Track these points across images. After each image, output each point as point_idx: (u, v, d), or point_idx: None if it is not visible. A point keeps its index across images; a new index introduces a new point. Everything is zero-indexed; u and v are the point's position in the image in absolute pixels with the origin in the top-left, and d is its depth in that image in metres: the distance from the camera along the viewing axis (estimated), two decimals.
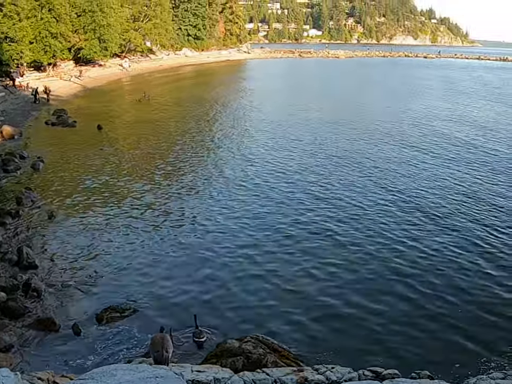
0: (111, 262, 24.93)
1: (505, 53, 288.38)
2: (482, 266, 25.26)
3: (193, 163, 42.91)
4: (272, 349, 17.40)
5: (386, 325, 20.32)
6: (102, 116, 62.80)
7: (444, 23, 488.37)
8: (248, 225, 30.04)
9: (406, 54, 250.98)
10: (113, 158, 43.45)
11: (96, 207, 32.14)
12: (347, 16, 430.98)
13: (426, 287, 23.21)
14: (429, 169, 42.42)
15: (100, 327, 19.63)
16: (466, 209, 33.31)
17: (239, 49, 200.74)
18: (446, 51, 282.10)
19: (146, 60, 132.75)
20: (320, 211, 32.33)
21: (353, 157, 45.63)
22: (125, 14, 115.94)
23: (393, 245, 27.56)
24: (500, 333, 19.86)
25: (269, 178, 38.87)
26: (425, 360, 17.90)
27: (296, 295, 22.46)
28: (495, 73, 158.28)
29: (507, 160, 46.35)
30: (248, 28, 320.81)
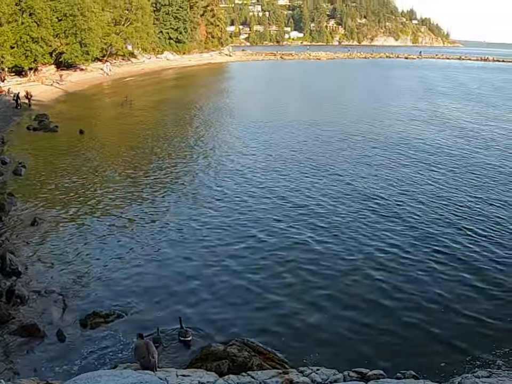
0: (94, 267, 24.83)
1: (486, 53, 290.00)
2: (463, 269, 25.35)
3: (176, 167, 42.84)
4: (257, 352, 17.40)
5: (371, 326, 20.39)
6: (84, 120, 62.58)
7: (424, 24, 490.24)
8: (234, 229, 30.06)
9: (387, 55, 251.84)
10: (95, 163, 43.28)
11: (79, 212, 32.04)
12: (328, 18, 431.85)
13: (409, 289, 23.29)
14: (405, 172, 42.43)
15: (84, 332, 19.52)
16: (440, 212, 33.42)
17: (221, 52, 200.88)
18: (427, 51, 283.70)
19: (128, 64, 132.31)
20: (298, 217, 32.28)
21: (330, 161, 45.61)
22: (106, 17, 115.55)
23: (373, 248, 27.64)
24: (484, 332, 19.98)
25: (246, 184, 38.81)
26: (410, 360, 17.95)
27: (280, 299, 22.46)
28: (475, 74, 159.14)
29: (480, 160, 46.96)
30: (230, 30, 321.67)
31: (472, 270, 25.19)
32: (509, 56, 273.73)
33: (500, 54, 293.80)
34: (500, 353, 18.44)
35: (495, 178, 40.73)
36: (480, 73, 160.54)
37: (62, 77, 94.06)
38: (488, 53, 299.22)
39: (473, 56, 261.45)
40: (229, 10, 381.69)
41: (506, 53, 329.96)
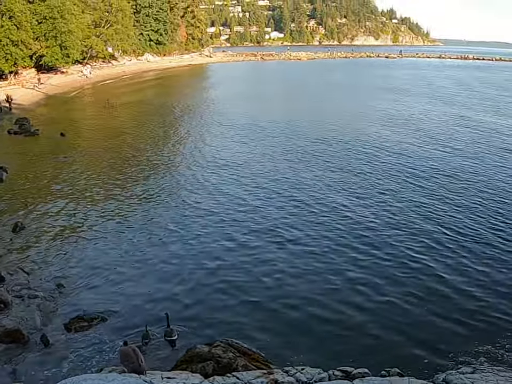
0: (78, 271, 24.76)
1: (466, 51, 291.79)
2: (445, 269, 25.47)
3: (158, 168, 42.85)
4: (242, 353, 17.43)
5: (355, 326, 20.48)
6: (65, 123, 62.39)
7: (404, 23, 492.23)
8: (216, 232, 30.05)
9: (367, 55, 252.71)
10: (77, 166, 43.15)
11: (62, 216, 31.90)
12: (308, 18, 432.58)
13: (392, 289, 23.40)
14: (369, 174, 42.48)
15: (69, 337, 19.47)
16: (412, 213, 33.62)
17: (201, 53, 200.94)
18: (408, 50, 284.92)
19: (108, 66, 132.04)
20: (278, 219, 32.34)
21: (309, 159, 46.00)
22: (86, 20, 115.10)
23: (354, 249, 27.74)
24: (466, 330, 20.12)
25: (226, 184, 38.94)
26: (395, 358, 18.07)
27: (264, 299, 22.52)
28: (454, 72, 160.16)
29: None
30: (210, 31, 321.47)
31: (454, 269, 25.33)
32: (488, 54, 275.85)
33: (480, 52, 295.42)
34: (483, 350, 18.59)
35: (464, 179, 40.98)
36: (459, 72, 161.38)
37: (40, 80, 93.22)
38: (468, 51, 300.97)
39: (454, 54, 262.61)
40: (209, 12, 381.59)
41: (486, 51, 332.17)
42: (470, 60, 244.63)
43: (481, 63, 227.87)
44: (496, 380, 14.75)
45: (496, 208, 33.99)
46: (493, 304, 22.01)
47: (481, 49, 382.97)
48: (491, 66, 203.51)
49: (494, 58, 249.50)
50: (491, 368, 15.89)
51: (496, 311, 21.44)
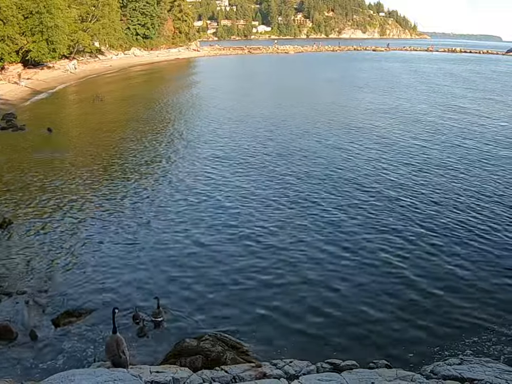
0: (66, 266, 24.65)
1: (453, 44, 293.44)
2: (432, 262, 25.51)
3: (146, 164, 42.59)
4: (231, 346, 17.43)
5: (342, 318, 20.46)
6: (53, 118, 62.10)
7: (392, 16, 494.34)
8: (206, 224, 30.00)
9: (355, 48, 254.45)
10: (64, 160, 42.90)
11: (49, 212, 31.69)
12: (296, 11, 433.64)
13: (379, 281, 23.42)
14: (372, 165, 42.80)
15: (57, 332, 19.33)
16: (403, 208, 33.79)
17: (188, 47, 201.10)
18: (395, 44, 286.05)
19: (95, 61, 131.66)
20: (268, 213, 32.50)
21: (300, 155, 46.01)
22: (73, 14, 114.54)
23: (340, 242, 27.77)
24: (454, 321, 20.15)
25: (215, 176, 39.03)
26: (383, 350, 18.11)
27: (252, 292, 22.48)
28: (442, 65, 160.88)
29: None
30: (197, 25, 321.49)
31: (441, 262, 25.34)
32: (475, 47, 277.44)
33: (467, 45, 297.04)
34: (469, 342, 18.65)
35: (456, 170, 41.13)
36: (447, 65, 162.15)
37: (20, 76, 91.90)
38: (456, 44, 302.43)
39: (441, 47, 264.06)
40: (196, 5, 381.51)
41: (473, 43, 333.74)
42: (458, 53, 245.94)
43: (468, 55, 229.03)
44: (483, 370, 14.78)
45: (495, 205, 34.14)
46: (478, 298, 22.03)
47: (468, 42, 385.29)
48: (480, 59, 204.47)
49: (481, 51, 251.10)
50: (478, 360, 15.93)
51: (481, 305, 21.47)
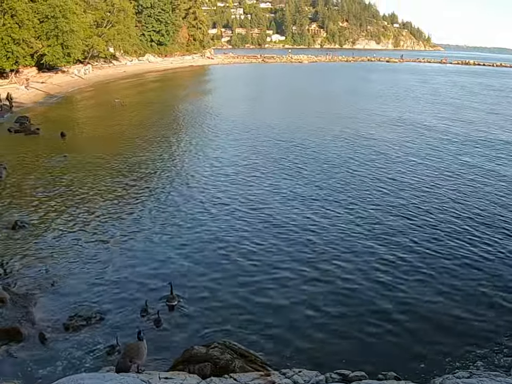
0: (76, 269, 24.67)
1: (467, 57, 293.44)
2: (442, 272, 25.44)
3: (158, 171, 42.55)
4: (240, 354, 17.36)
5: (352, 328, 20.41)
6: (65, 123, 62.28)
7: (406, 28, 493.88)
8: (213, 232, 30.00)
9: (368, 59, 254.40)
10: (76, 165, 42.97)
11: (60, 215, 31.78)
12: (310, 21, 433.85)
13: (389, 292, 23.36)
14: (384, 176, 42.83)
15: (66, 335, 19.32)
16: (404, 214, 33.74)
17: (202, 55, 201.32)
18: (409, 55, 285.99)
19: (109, 66, 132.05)
20: (275, 224, 32.46)
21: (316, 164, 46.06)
22: (88, 20, 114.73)
23: (351, 251, 27.75)
24: (463, 334, 20.07)
25: (225, 185, 39.01)
26: (392, 362, 17.98)
27: (262, 300, 22.44)
28: (450, 78, 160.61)
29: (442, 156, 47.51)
30: (212, 33, 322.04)
31: (449, 274, 25.28)
32: (489, 59, 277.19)
33: (480, 57, 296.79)
34: (480, 354, 18.59)
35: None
36: (460, 78, 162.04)
37: (28, 81, 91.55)
38: (469, 56, 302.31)
39: (455, 59, 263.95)
40: (211, 13, 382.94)
41: (486, 56, 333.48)
42: (471, 65, 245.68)
43: (482, 68, 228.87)
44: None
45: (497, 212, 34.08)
46: (489, 311, 21.96)
47: (481, 55, 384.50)
48: (494, 72, 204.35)
49: (495, 64, 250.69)
50: (487, 373, 15.85)
51: (491, 318, 21.40)
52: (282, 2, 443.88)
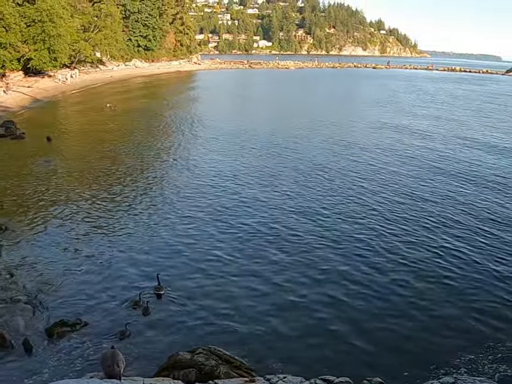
0: (61, 275, 24.54)
1: (453, 63, 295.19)
2: (426, 278, 25.55)
3: (144, 175, 42.73)
4: (225, 360, 17.34)
5: (337, 334, 20.47)
6: (52, 127, 62.22)
7: (392, 34, 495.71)
8: (199, 236, 30.00)
9: (355, 65, 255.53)
10: (62, 170, 42.91)
11: (45, 220, 31.67)
12: (297, 27, 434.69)
13: (374, 297, 23.43)
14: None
15: (51, 342, 19.23)
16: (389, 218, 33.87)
17: (189, 60, 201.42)
18: (395, 62, 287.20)
19: (96, 71, 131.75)
20: (264, 227, 32.52)
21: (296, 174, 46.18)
22: (75, 24, 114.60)
23: (338, 255, 27.86)
24: (448, 340, 20.16)
25: (209, 190, 39.11)
26: (377, 367, 18.05)
27: (247, 306, 22.47)
28: (438, 85, 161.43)
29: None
30: (199, 38, 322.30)
31: (435, 278, 25.40)
32: (475, 66, 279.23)
33: (466, 64, 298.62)
34: (465, 360, 18.67)
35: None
36: (446, 85, 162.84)
37: (8, 85, 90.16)
38: (455, 63, 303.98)
39: (441, 66, 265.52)
40: (198, 19, 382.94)
41: (473, 63, 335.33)
42: (457, 72, 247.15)
43: (468, 75, 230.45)
44: None
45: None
46: (474, 316, 22.07)
47: (468, 61, 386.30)
48: (480, 78, 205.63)
49: (481, 70, 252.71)
50: (472, 379, 15.92)
51: (477, 323, 21.51)
52: (269, 8, 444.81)
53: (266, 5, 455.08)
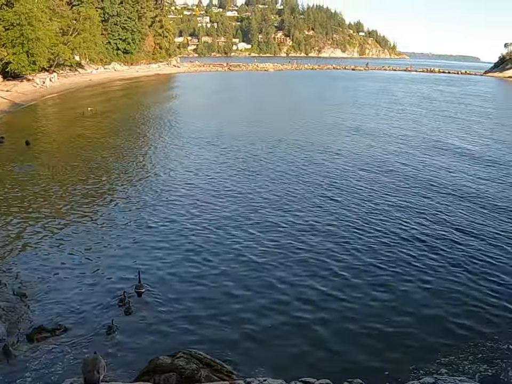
0: (40, 281, 24.41)
1: (432, 65, 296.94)
2: (406, 278, 25.74)
3: (126, 179, 42.62)
4: (205, 364, 17.34)
5: (317, 336, 20.52)
6: (32, 131, 61.87)
7: (371, 36, 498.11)
8: (180, 240, 30.02)
9: (334, 67, 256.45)
10: (41, 174, 42.62)
11: (23, 225, 31.46)
12: (276, 29, 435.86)
13: (353, 298, 23.53)
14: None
15: (31, 348, 19.11)
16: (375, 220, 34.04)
17: (169, 63, 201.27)
18: (374, 63, 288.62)
19: (75, 75, 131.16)
20: (244, 230, 32.61)
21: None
22: (54, 27, 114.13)
23: (317, 257, 27.93)
24: (428, 340, 20.27)
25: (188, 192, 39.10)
26: (358, 369, 18.14)
27: (227, 310, 22.49)
28: (416, 86, 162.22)
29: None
30: (178, 41, 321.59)
31: (413, 280, 25.52)
32: (453, 67, 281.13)
33: (445, 65, 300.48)
34: (445, 360, 18.81)
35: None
36: (425, 86, 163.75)
37: None
38: (434, 64, 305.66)
39: (420, 67, 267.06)
40: (177, 21, 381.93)
41: (451, 64, 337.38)
42: (436, 73, 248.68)
43: (447, 76, 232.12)
44: None
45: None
46: (454, 316, 22.23)
47: (447, 63, 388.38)
48: (458, 79, 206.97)
49: (460, 71, 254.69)
50: (453, 378, 16.03)
51: (458, 322, 21.68)
52: (248, 11, 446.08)
53: (246, 8, 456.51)
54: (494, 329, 21.25)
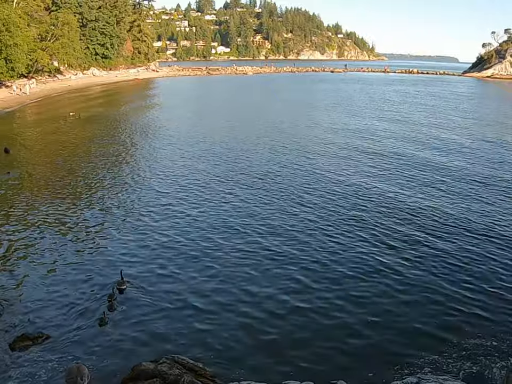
0: (22, 288, 24.32)
1: (411, 66, 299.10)
2: (391, 277, 25.86)
3: (105, 183, 42.49)
4: (189, 369, 17.35)
5: (299, 338, 20.55)
6: (11, 138, 61.64)
7: (350, 38, 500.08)
8: (164, 243, 30.01)
9: (313, 69, 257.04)
10: (21, 182, 42.46)
11: (4, 231, 31.45)
12: (255, 32, 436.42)
13: (336, 299, 23.61)
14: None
15: (13, 356, 19.02)
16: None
17: (147, 68, 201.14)
18: (353, 65, 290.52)
19: (54, 80, 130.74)
20: (227, 230, 32.63)
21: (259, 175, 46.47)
22: (32, 33, 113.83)
23: (300, 258, 28.03)
24: (411, 340, 20.38)
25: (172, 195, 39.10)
26: (341, 369, 18.21)
27: (210, 313, 22.47)
28: (392, 87, 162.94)
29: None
30: (157, 46, 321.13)
31: (395, 281, 25.65)
32: (432, 68, 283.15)
33: (424, 66, 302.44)
34: (429, 359, 18.90)
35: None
36: (403, 87, 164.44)
37: None
38: (413, 65, 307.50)
39: (398, 69, 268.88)
40: (155, 26, 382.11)
41: (430, 65, 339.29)
42: (415, 74, 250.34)
43: (425, 76, 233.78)
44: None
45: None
46: (436, 315, 22.37)
47: (425, 63, 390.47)
48: (437, 79, 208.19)
49: (438, 72, 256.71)
50: (436, 378, 16.21)
51: (441, 321, 21.82)
52: (227, 14, 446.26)
53: (224, 11, 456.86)
54: (476, 327, 21.42)
